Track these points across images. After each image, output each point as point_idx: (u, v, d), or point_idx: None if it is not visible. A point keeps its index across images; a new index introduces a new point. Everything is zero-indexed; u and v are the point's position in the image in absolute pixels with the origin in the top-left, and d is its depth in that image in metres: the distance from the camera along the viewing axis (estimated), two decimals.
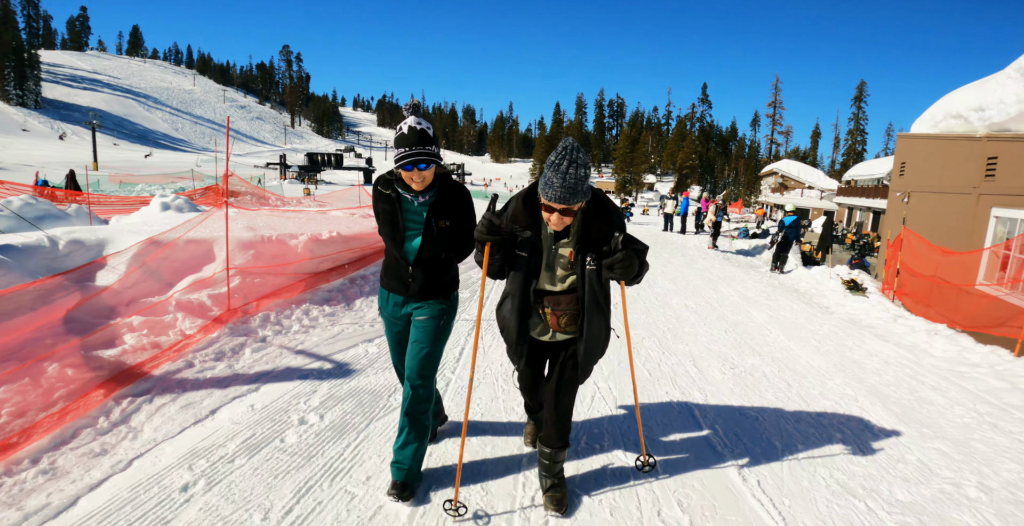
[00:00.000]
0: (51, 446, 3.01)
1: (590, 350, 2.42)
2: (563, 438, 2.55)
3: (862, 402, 4.18)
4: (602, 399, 3.91)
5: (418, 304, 2.66)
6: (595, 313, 2.36)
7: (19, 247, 4.96)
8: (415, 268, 2.61)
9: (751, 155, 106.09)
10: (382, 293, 2.75)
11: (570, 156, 2.11)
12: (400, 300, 2.68)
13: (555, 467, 2.60)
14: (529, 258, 2.36)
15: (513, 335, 2.50)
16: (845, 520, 2.60)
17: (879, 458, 3.28)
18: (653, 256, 12.88)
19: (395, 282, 2.67)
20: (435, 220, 2.55)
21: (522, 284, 2.39)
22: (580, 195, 2.13)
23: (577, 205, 2.16)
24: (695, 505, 2.66)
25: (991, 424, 3.92)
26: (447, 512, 2.46)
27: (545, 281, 2.42)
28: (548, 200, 2.15)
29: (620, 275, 2.23)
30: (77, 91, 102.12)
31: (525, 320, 2.45)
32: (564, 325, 2.44)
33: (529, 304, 2.42)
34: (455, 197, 2.60)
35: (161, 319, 4.43)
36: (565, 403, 2.52)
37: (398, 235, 2.59)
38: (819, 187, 50.08)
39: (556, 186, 2.10)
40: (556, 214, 2.19)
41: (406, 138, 2.41)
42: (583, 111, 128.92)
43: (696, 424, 3.61)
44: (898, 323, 7.07)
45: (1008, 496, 2.94)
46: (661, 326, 6.16)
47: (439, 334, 2.65)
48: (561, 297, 2.40)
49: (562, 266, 2.38)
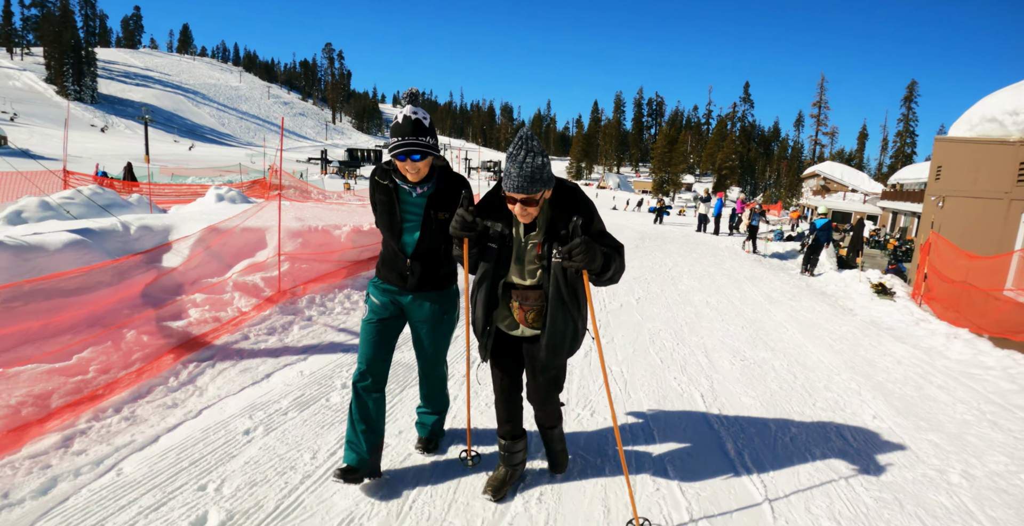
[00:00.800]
0: (130, 399, 3.51)
1: (552, 345, 2.35)
2: (552, 420, 2.70)
3: (864, 396, 4.39)
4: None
5: (415, 299, 2.63)
6: (559, 308, 2.30)
7: (97, 231, 5.56)
8: (413, 261, 2.57)
9: (794, 156, 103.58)
10: (375, 283, 2.69)
11: (526, 145, 2.11)
12: (396, 291, 2.64)
13: (553, 439, 2.82)
14: (499, 250, 2.35)
15: (478, 327, 2.46)
16: (823, 492, 2.87)
17: (869, 444, 3.51)
18: (682, 255, 13.03)
19: (392, 274, 2.62)
20: (434, 212, 2.53)
21: (491, 276, 2.37)
22: (539, 184, 2.12)
23: (539, 194, 2.15)
24: (687, 468, 2.97)
25: (991, 422, 4.07)
26: (463, 460, 2.80)
27: (514, 274, 2.38)
28: (508, 190, 2.15)
29: (580, 263, 2.09)
30: (130, 87, 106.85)
31: (490, 312, 2.42)
32: (531, 321, 2.40)
33: (496, 296, 2.39)
34: (455, 189, 2.57)
35: (220, 297, 4.94)
36: (544, 397, 2.58)
37: (396, 227, 2.56)
38: (863, 190, 48.73)
39: (514, 176, 2.10)
40: (519, 205, 2.17)
41: (400, 128, 2.37)
42: (621, 109, 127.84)
43: (697, 405, 3.89)
44: (920, 326, 7.14)
45: (989, 483, 3.14)
46: (679, 320, 6.42)
47: (441, 331, 2.71)
48: (529, 292, 2.36)
49: (531, 259, 2.34)
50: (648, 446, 3.23)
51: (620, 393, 4.02)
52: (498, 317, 2.48)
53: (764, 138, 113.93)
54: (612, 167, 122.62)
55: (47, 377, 3.53)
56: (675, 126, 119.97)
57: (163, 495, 2.46)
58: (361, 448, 2.57)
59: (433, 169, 2.53)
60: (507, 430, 2.64)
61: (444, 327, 2.72)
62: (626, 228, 19.88)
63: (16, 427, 3.10)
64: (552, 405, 2.64)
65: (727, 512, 2.62)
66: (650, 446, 3.23)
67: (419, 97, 2.46)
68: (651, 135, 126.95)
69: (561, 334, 2.35)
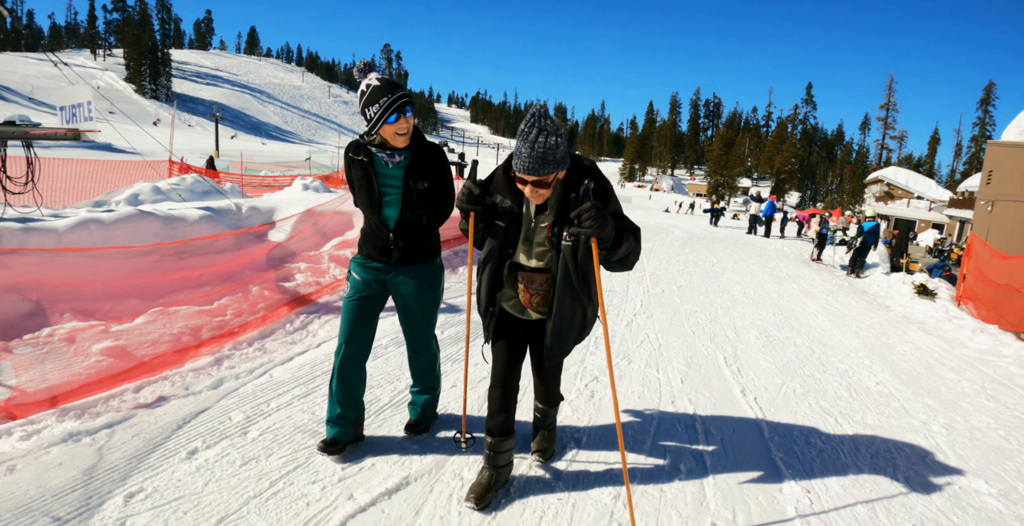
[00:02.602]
0: (259, 336, 4.48)
1: (558, 332, 2.26)
2: (552, 398, 2.68)
3: (874, 369, 4.94)
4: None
5: (400, 274, 2.61)
6: (567, 293, 2.19)
7: (216, 210, 6.67)
8: (396, 235, 2.52)
9: (858, 161, 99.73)
10: (358, 260, 2.66)
11: (539, 123, 1.97)
12: (380, 267, 2.60)
13: (547, 420, 2.78)
14: (507, 229, 2.24)
15: (482, 306, 2.38)
16: (811, 422, 3.53)
17: (865, 400, 4.11)
18: (728, 254, 13.42)
19: (376, 251, 2.58)
20: (413, 182, 2.47)
21: (497, 255, 2.27)
22: (552, 165, 1.99)
23: (551, 176, 2.04)
24: (703, 401, 3.68)
25: (989, 395, 4.55)
26: (456, 442, 2.66)
27: (521, 255, 2.29)
28: (518, 171, 2.03)
29: (589, 230, 1.97)
30: (201, 86, 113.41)
31: (494, 292, 2.34)
32: (536, 305, 2.31)
33: (501, 277, 2.30)
34: (430, 157, 2.52)
35: (319, 266, 5.93)
36: (548, 378, 2.59)
37: (375, 201, 2.49)
38: (928, 198, 46.82)
39: (524, 156, 1.98)
40: (529, 186, 2.06)
41: (380, 90, 2.29)
42: (677, 110, 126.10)
43: (719, 364, 4.56)
44: (952, 322, 7.46)
45: (966, 434, 3.69)
46: (715, 305, 7.03)
47: (428, 305, 2.68)
48: (536, 275, 2.27)
49: (540, 241, 2.24)
50: (675, 389, 3.94)
51: (655, 352, 4.74)
52: (502, 296, 2.41)
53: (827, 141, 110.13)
54: (666, 169, 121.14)
55: (197, 316, 4.55)
56: (732, 128, 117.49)
57: (307, 389, 3.38)
58: (341, 422, 2.65)
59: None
60: (498, 423, 2.43)
61: (431, 300, 2.69)
62: (675, 228, 20.21)
63: (179, 349, 4.10)
64: (556, 383, 2.65)
65: (727, 417, 3.31)
66: (675, 388, 3.94)
67: (374, 67, 2.42)
68: (707, 137, 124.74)
69: (568, 321, 2.25)
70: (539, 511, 2.40)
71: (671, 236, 16.39)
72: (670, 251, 12.58)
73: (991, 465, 3.22)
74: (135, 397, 3.32)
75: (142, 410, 3.09)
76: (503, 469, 2.51)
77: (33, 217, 5.17)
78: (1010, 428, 3.83)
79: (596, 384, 3.83)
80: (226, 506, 2.27)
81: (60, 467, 2.48)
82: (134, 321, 4.22)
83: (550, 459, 2.79)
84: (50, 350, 3.72)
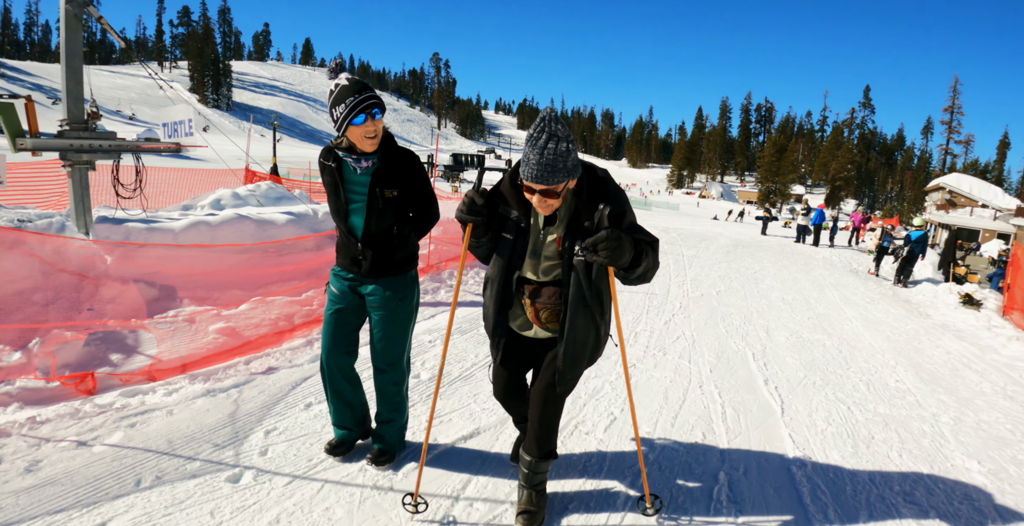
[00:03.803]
0: None
1: (571, 355, 2.17)
2: (544, 448, 2.33)
3: (897, 369, 5.27)
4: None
5: (371, 286, 2.52)
6: (580, 312, 2.11)
7: (296, 214, 7.53)
8: (364, 245, 2.43)
9: (920, 167, 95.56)
10: (335, 270, 2.61)
11: (548, 128, 1.87)
12: (351, 277, 2.53)
13: (535, 478, 2.39)
14: (515, 241, 2.15)
15: (490, 324, 2.31)
16: (827, 411, 3.96)
17: (881, 394, 4.49)
18: (772, 262, 13.58)
19: (347, 260, 2.51)
20: (379, 189, 2.36)
21: (503, 270, 2.19)
22: (561, 174, 1.89)
23: (560, 186, 1.94)
24: (728, 387, 4.17)
25: (1008, 396, 4.82)
26: (406, 508, 2.38)
27: (528, 269, 2.19)
28: (526, 179, 1.93)
29: (605, 259, 1.88)
30: (259, 95, 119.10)
31: (504, 310, 2.26)
32: (544, 320, 2.20)
33: (510, 292, 2.22)
34: (401, 162, 2.40)
35: None
36: (548, 413, 2.29)
37: (342, 209, 2.42)
38: (995, 206, 44.66)
39: (532, 164, 1.88)
40: (537, 196, 1.96)
41: (347, 89, 2.21)
42: (727, 116, 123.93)
43: (747, 359, 5.01)
44: (991, 332, 7.57)
45: (973, 425, 4.04)
46: (752, 309, 7.41)
47: (397, 320, 2.54)
48: (543, 288, 2.17)
49: (549, 255, 2.14)
50: (703, 376, 4.44)
51: (689, 347, 5.24)
52: (512, 316, 2.30)
53: (886, 147, 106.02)
54: (715, 176, 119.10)
55: (289, 305, 5.33)
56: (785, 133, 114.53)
57: None
58: (344, 425, 2.73)
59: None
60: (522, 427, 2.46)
61: (400, 316, 2.55)
62: (721, 236, 20.29)
63: (276, 332, 4.87)
64: (555, 424, 2.34)
65: (747, 400, 3.80)
66: (704, 376, 4.44)
67: (345, 67, 2.34)
68: (759, 143, 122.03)
69: (583, 343, 2.16)
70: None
71: (716, 244, 16.59)
72: (713, 258, 12.88)
73: (988, 451, 3.60)
74: (247, 368, 4.07)
75: (259, 376, 3.83)
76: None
77: (155, 218, 6.12)
78: (1018, 423, 4.15)
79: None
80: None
81: (208, 412, 3.23)
82: (239, 307, 5.03)
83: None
84: (176, 328, 4.56)
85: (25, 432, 2.92)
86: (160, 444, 2.87)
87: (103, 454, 2.75)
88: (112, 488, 2.48)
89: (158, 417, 3.14)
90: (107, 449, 2.80)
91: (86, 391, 3.52)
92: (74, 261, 4.72)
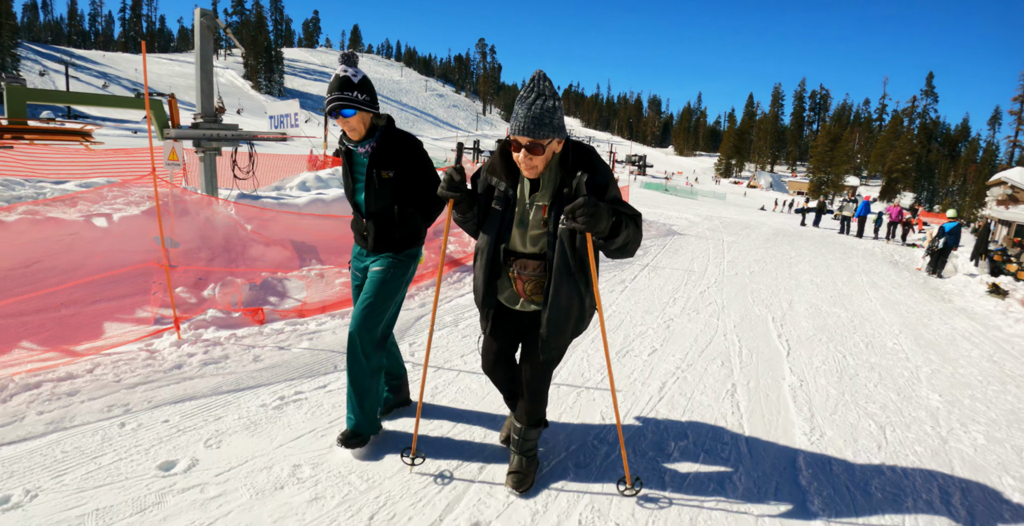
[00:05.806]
0: (430, 285, 6.49)
1: (554, 322, 2.24)
2: (533, 417, 2.48)
3: (899, 336, 6.18)
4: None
5: (374, 258, 2.71)
6: (564, 280, 2.18)
7: None
8: (368, 221, 2.64)
9: (985, 160, 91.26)
10: (353, 251, 2.86)
11: (538, 87, 2.01)
12: (364, 254, 2.78)
13: (525, 444, 2.53)
14: (503, 213, 2.23)
15: (479, 296, 2.38)
16: (825, 357, 4.99)
17: (877, 350, 5.45)
18: (809, 249, 14.20)
19: (357, 236, 2.76)
20: (376, 171, 2.54)
21: (492, 241, 2.26)
22: (547, 129, 2.01)
23: (546, 141, 2.03)
24: (746, 337, 5.23)
25: (994, 361, 5.66)
26: (404, 460, 2.56)
27: (516, 240, 2.26)
28: (513, 133, 2.04)
29: (583, 225, 1.95)
30: (309, 82, 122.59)
31: (492, 281, 2.33)
32: (530, 293, 2.30)
33: (498, 264, 2.29)
34: (398, 146, 2.56)
35: (462, 237, 7.92)
36: (535, 382, 2.40)
37: (349, 187, 2.68)
38: None
39: (520, 117, 2.01)
40: (524, 151, 2.04)
41: (329, 86, 2.43)
42: (779, 103, 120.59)
43: (767, 321, 6.02)
44: (1007, 316, 8.26)
45: (948, 376, 4.96)
46: (780, 287, 8.34)
47: (385, 287, 2.61)
48: (528, 261, 2.25)
49: (535, 224, 2.22)
50: (727, 329, 5.50)
51: (718, 310, 6.31)
52: (500, 288, 2.38)
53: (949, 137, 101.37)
54: (765, 165, 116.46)
55: None
56: (840, 122, 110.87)
57: (459, 317, 5.31)
58: (358, 412, 2.66)
59: (375, 128, 2.57)
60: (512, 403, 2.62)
61: (387, 285, 2.63)
62: (764, 225, 20.66)
63: None
64: (542, 395, 2.46)
65: (760, 346, 4.86)
66: (727, 329, 5.50)
67: (355, 58, 2.46)
68: (812, 131, 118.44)
69: (566, 310, 2.24)
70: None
71: (757, 232, 17.25)
72: (752, 244, 13.67)
73: (952, 390, 4.57)
74: None
75: None
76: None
77: (281, 196, 7.51)
78: (989, 375, 5.07)
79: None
80: (461, 350, 4.23)
81: None
82: None
83: (527, 492, 2.51)
84: (311, 280, 5.90)
85: (234, 342, 4.26)
86: (337, 348, 4.17)
87: (300, 354, 4.07)
88: (319, 369, 3.79)
89: (327, 335, 4.46)
90: (302, 351, 4.12)
91: (259, 321, 4.87)
92: (228, 228, 6.13)
